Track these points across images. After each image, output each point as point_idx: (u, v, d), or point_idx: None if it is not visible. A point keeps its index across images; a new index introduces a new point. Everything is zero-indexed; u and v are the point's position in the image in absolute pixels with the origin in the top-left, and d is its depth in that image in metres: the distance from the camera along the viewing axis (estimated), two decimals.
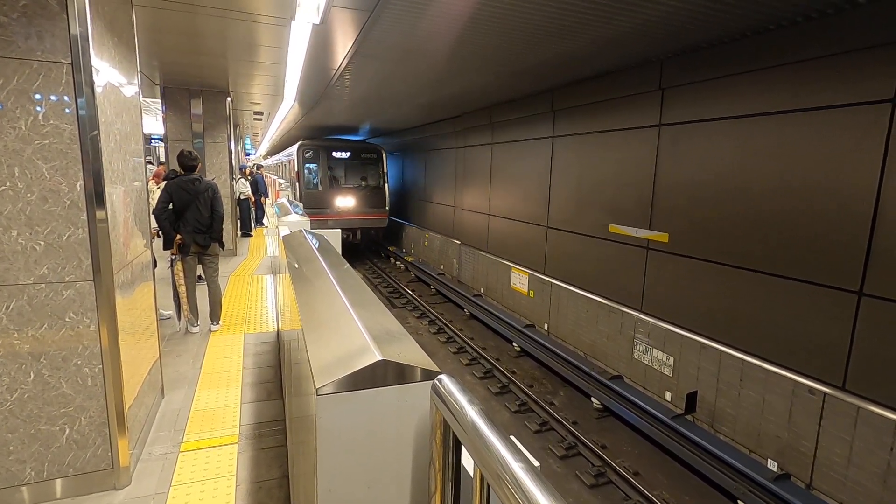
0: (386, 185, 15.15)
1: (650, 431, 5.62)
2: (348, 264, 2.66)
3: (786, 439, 4.53)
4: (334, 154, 14.75)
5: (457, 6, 4.07)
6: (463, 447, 0.90)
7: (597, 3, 3.93)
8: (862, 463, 3.97)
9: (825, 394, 4.23)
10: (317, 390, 1.01)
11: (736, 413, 5.01)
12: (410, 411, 1.08)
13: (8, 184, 2.38)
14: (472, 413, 0.85)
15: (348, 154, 14.95)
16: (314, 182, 14.66)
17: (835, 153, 4.17)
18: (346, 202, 14.48)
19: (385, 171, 15.19)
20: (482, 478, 0.81)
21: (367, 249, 17.30)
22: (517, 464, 0.68)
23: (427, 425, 1.06)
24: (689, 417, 5.49)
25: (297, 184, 14.27)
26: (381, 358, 1.07)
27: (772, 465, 4.64)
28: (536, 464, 1.29)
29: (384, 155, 15.27)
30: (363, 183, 15.07)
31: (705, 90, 5.29)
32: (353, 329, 1.37)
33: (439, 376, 1.01)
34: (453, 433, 0.92)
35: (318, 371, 1.08)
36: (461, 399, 0.89)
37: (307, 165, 14.61)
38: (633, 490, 4.90)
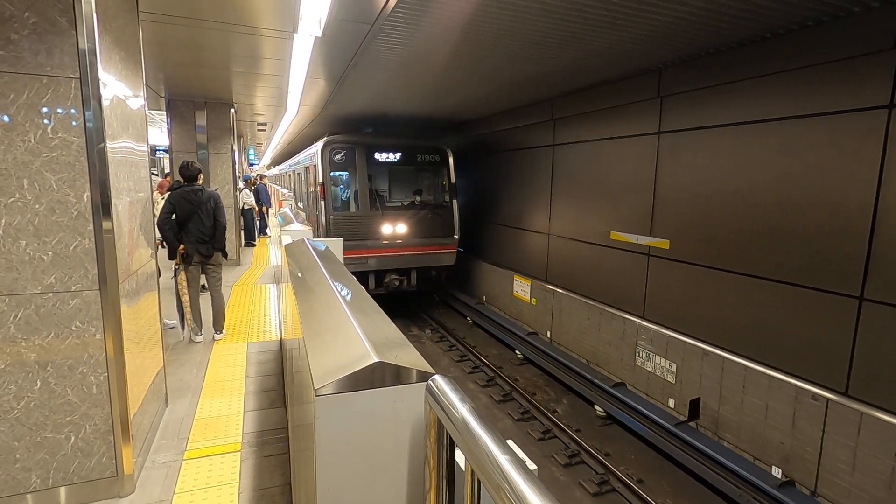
0: (455, 201, 10.43)
1: (653, 439, 5.60)
2: (349, 272, 2.69)
3: (790, 446, 4.51)
4: (377, 156, 10.01)
5: (457, 18, 4.14)
6: (456, 445, 0.93)
7: (595, 15, 3.99)
8: (867, 469, 3.95)
9: (828, 399, 4.22)
10: (316, 391, 1.04)
11: (739, 420, 4.99)
12: (406, 411, 1.11)
13: (17, 195, 2.43)
14: (464, 410, 0.88)
15: (399, 156, 10.23)
16: (345, 198, 10.22)
17: (833, 159, 4.20)
18: (396, 229, 9.78)
19: (453, 180, 10.47)
20: (472, 473, 0.83)
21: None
22: (503, 456, 0.71)
23: (422, 424, 1.09)
24: (692, 424, 5.47)
25: (322, 203, 9.48)
26: (377, 360, 1.11)
27: (776, 472, 4.62)
28: (533, 467, 1.30)
29: (450, 157, 10.53)
30: (420, 199, 10.54)
31: (703, 98, 5.34)
32: (352, 335, 1.40)
33: (433, 377, 1.04)
34: (446, 431, 0.95)
35: (318, 374, 1.12)
36: (453, 397, 0.92)
37: (336, 174, 10.11)
38: (636, 498, 4.88)
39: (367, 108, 9.10)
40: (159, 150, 17.12)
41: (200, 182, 5.36)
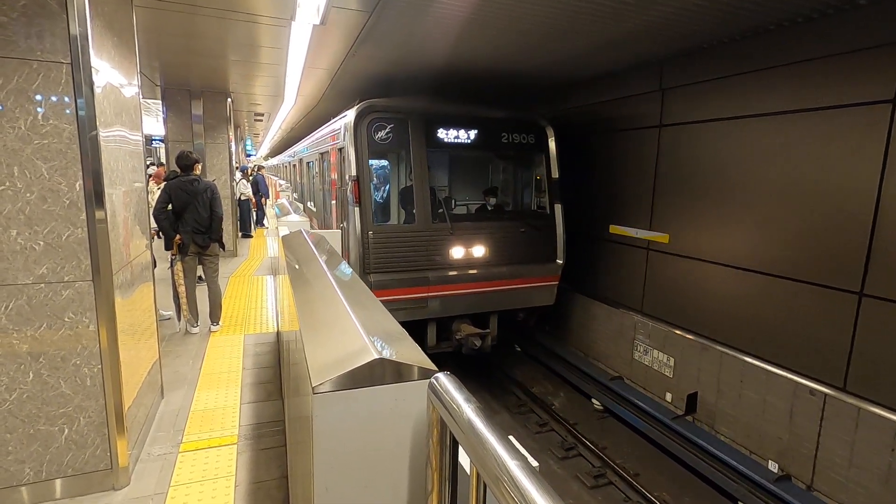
0: (558, 206, 6.85)
1: (651, 432, 5.61)
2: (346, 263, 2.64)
3: (787, 440, 4.52)
4: (442, 134, 6.30)
5: (458, 7, 4.06)
6: (460, 446, 0.90)
7: (604, 4, 3.91)
8: (863, 464, 3.95)
9: (826, 395, 4.21)
10: (313, 389, 1.01)
11: (736, 414, 4.99)
12: (408, 410, 1.08)
13: (7, 183, 2.38)
14: (469, 411, 0.84)
15: (474, 134, 6.46)
16: (382, 200, 7.06)
17: (836, 154, 4.16)
18: (471, 252, 6.28)
19: (555, 173, 6.85)
20: (478, 476, 0.80)
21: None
22: (513, 462, 0.67)
23: (424, 424, 1.05)
24: (689, 418, 5.48)
25: (354, 210, 5.86)
26: (377, 356, 1.07)
27: (773, 467, 4.63)
28: (535, 464, 1.29)
29: (551, 138, 6.88)
30: (501, 203, 7.22)
31: (706, 91, 5.29)
32: (351, 329, 1.37)
33: (436, 374, 1.00)
34: (450, 431, 0.92)
35: (315, 370, 1.08)
36: (458, 397, 0.89)
37: (377, 163, 6.86)
38: (633, 491, 4.89)
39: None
40: (155, 140, 16.96)
41: (198, 172, 5.30)
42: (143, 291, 3.37)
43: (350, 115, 5.96)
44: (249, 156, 25.90)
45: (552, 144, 6.87)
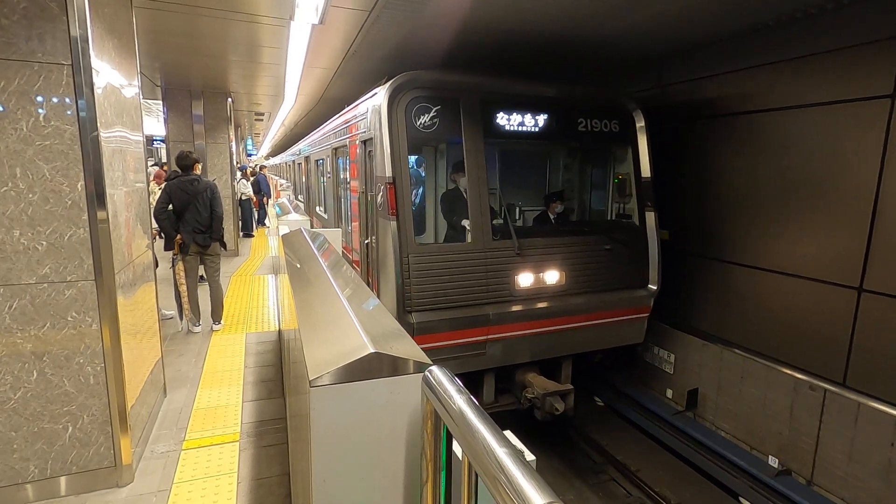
0: (650, 214, 5.34)
1: (651, 428, 5.62)
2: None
3: (787, 436, 4.53)
4: (503, 120, 4.79)
5: (459, 4, 4.06)
6: (453, 436, 0.92)
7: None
8: (863, 459, 3.96)
9: (826, 390, 4.22)
10: (310, 382, 1.03)
11: (737, 410, 5.01)
12: (403, 402, 1.10)
13: (10, 184, 2.40)
14: (460, 401, 0.86)
15: (544, 120, 4.95)
16: (425, 212, 5.78)
17: (835, 149, 4.16)
18: (543, 278, 4.79)
19: (647, 171, 5.35)
20: (469, 465, 0.82)
21: None
22: (501, 449, 0.69)
23: (419, 416, 1.08)
24: (690, 414, 5.49)
25: (390, 224, 4.31)
26: (373, 350, 1.09)
27: (773, 462, 4.64)
28: (531, 457, 1.28)
29: (641, 123, 5.35)
30: (573, 211, 6.09)
31: (705, 87, 5.29)
32: (349, 326, 1.39)
33: (430, 367, 1.02)
34: (443, 422, 0.94)
35: (312, 364, 1.10)
36: (450, 388, 0.91)
37: (418, 160, 5.84)
38: (634, 486, 4.91)
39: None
40: (156, 140, 17.00)
41: (198, 171, 5.32)
42: (145, 291, 3.40)
43: (382, 95, 4.40)
44: (250, 155, 25.95)
45: (643, 134, 5.33)
